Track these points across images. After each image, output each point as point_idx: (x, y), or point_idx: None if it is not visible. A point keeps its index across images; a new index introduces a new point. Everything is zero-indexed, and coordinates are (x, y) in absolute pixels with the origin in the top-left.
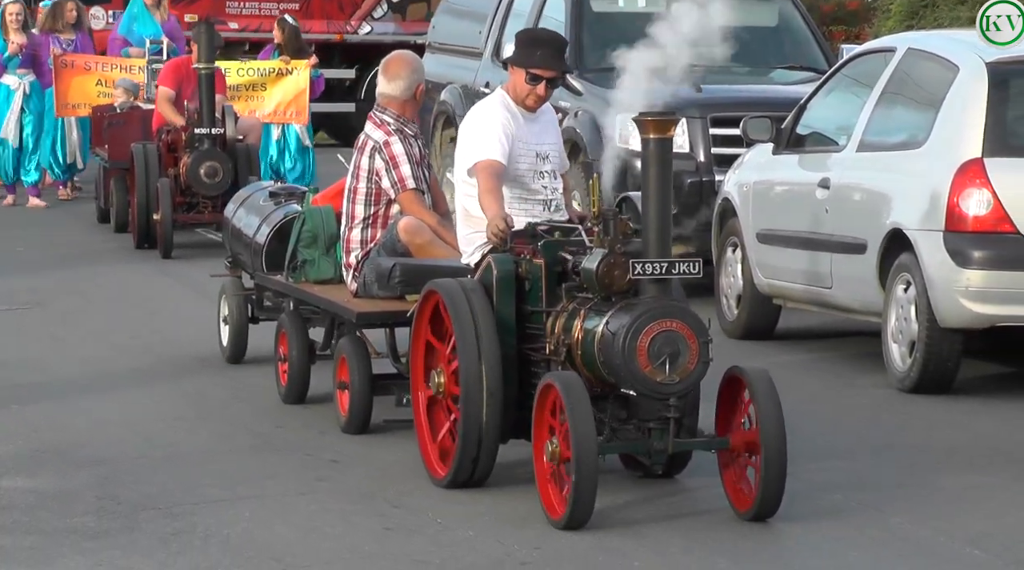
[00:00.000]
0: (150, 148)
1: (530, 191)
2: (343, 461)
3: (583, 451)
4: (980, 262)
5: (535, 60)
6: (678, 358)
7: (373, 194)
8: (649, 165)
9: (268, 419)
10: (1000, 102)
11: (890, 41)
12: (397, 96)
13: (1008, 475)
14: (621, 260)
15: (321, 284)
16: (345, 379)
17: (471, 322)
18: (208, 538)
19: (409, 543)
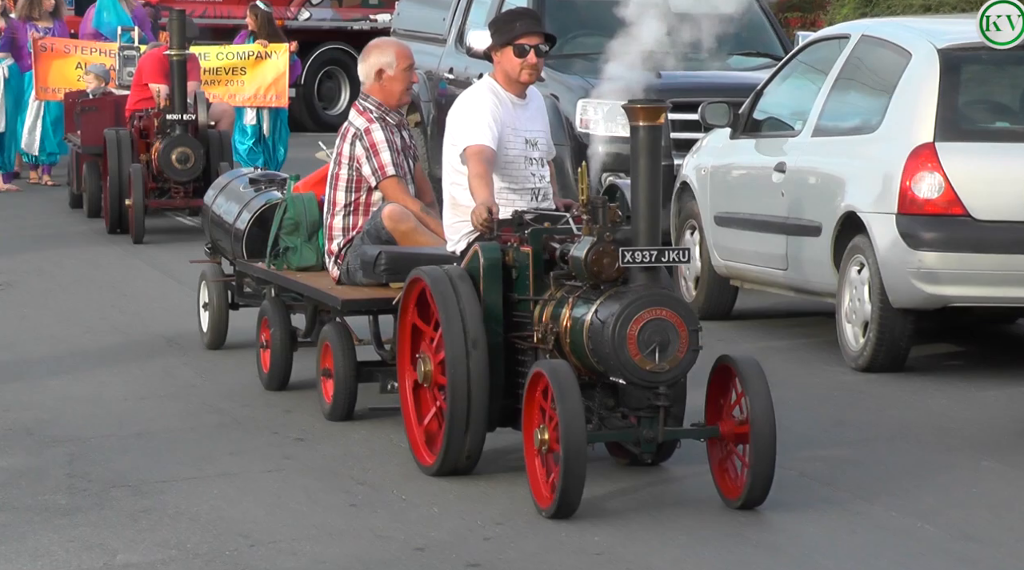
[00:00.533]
0: (123, 134)
1: (519, 180)
2: (309, 439)
3: (572, 440)
4: (931, 244)
5: (518, 30)
6: (668, 346)
7: (354, 181)
8: (639, 153)
9: (235, 398)
10: (951, 88)
11: (844, 28)
12: (363, 82)
13: (958, 452)
14: (610, 248)
15: (303, 271)
16: (329, 366)
17: (457, 310)
18: (177, 515)
19: (374, 519)
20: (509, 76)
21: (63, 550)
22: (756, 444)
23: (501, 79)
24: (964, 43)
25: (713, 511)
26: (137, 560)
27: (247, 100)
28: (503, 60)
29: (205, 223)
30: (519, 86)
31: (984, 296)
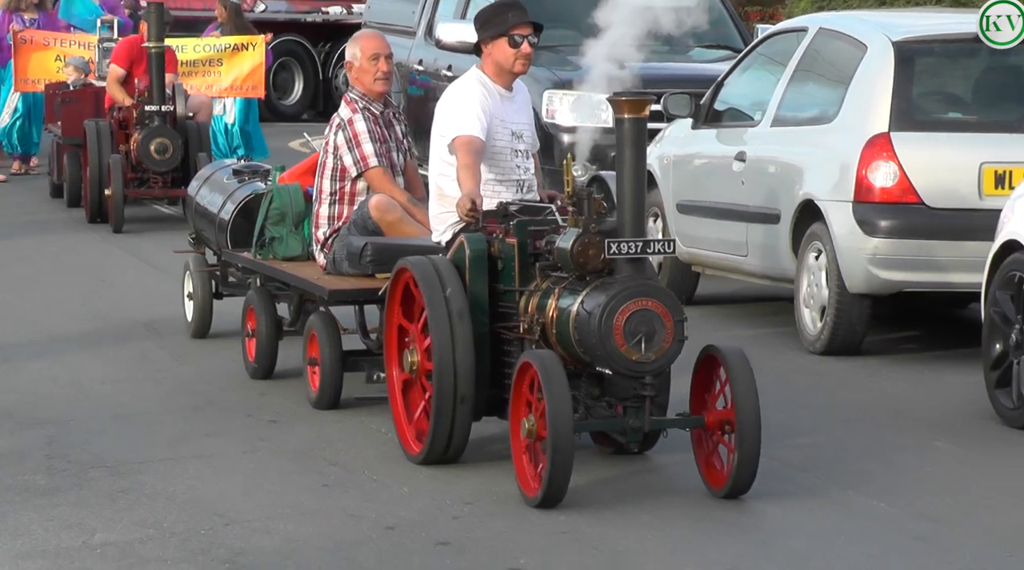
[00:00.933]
0: (103, 125)
1: (505, 171)
2: (282, 422)
3: (559, 429)
4: (887, 231)
5: (511, 21)
6: (654, 337)
7: (339, 170)
8: (624, 145)
9: (210, 382)
10: (906, 79)
11: (802, 21)
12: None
13: (912, 433)
14: (595, 239)
15: (289, 261)
16: (315, 355)
17: (443, 300)
18: (154, 495)
19: (345, 499)
20: (501, 67)
21: (42, 529)
22: (742, 435)
23: (491, 71)
24: (918, 36)
25: (682, 494)
26: (115, 538)
27: (224, 91)
28: (495, 51)
29: (189, 214)
30: (509, 77)
31: (937, 281)
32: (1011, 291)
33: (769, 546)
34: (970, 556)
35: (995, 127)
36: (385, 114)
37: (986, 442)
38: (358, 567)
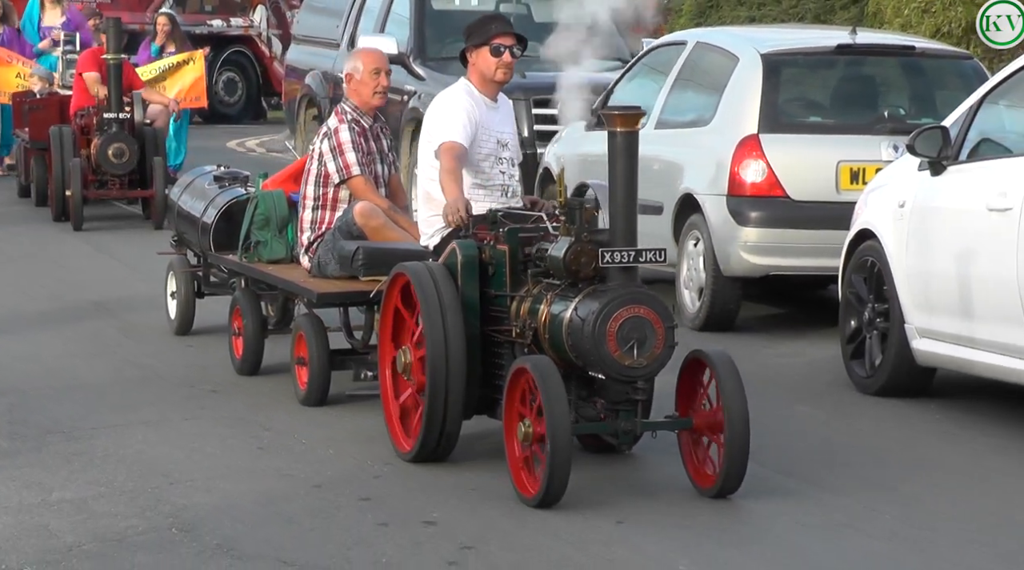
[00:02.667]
0: (66, 130)
1: (490, 177)
2: (221, 392)
3: (558, 432)
4: (756, 221)
5: (493, 31)
6: (645, 342)
7: (322, 176)
8: (616, 157)
9: (156, 356)
10: (772, 87)
11: (682, 36)
12: (344, 87)
13: (779, 398)
14: (588, 248)
15: (273, 263)
16: (303, 355)
17: (437, 303)
18: (106, 457)
19: (278, 460)
20: (484, 76)
21: (5, 488)
22: (730, 434)
23: (476, 80)
24: (783, 49)
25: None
26: (71, 496)
27: None
28: (479, 61)
29: (171, 217)
30: (493, 87)
31: (800, 265)
32: (864, 274)
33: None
34: (832, 505)
35: (851, 130)
36: (373, 128)
37: (842, 406)
38: (289, 521)
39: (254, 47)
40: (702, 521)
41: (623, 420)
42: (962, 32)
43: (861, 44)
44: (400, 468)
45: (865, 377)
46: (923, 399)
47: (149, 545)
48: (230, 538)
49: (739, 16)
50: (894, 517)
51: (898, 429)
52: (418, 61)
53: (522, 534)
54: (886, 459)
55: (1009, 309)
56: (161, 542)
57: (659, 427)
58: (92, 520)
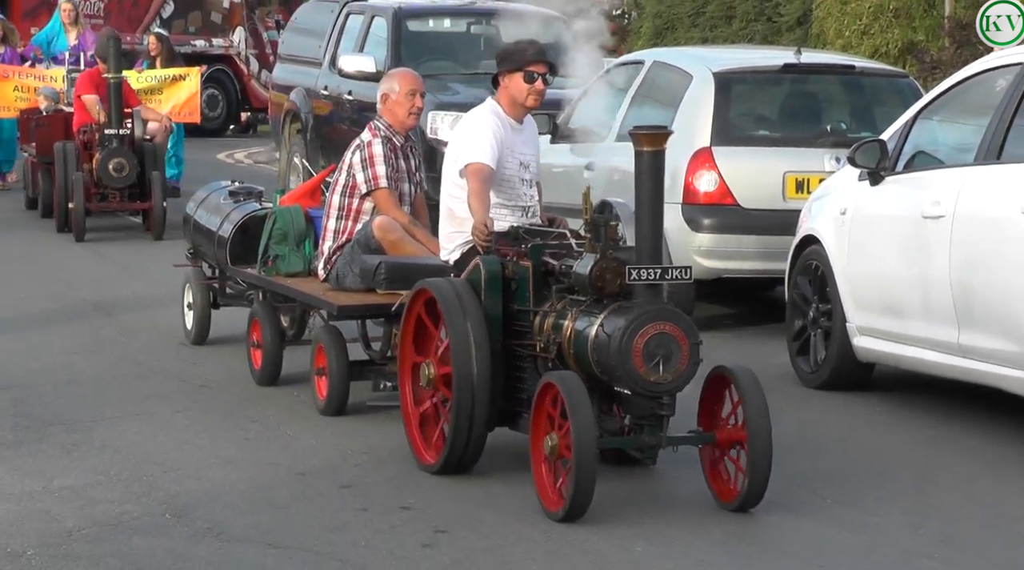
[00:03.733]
0: (70, 146)
1: (512, 197)
2: (212, 386)
3: (584, 448)
4: (709, 227)
5: (528, 57)
6: (671, 359)
7: (349, 186)
8: (642, 176)
9: (150, 353)
10: (724, 103)
11: (640, 55)
12: (378, 106)
13: None
14: (613, 265)
15: (291, 277)
16: (323, 365)
17: (463, 319)
18: (103, 448)
19: (264, 450)
20: (515, 100)
21: (9, 476)
22: (754, 449)
23: (505, 103)
24: (734, 68)
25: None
26: (71, 483)
27: None
28: (511, 85)
29: (187, 231)
30: (521, 110)
31: (750, 269)
32: (809, 276)
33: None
34: (782, 495)
35: (796, 142)
36: (404, 147)
37: (789, 399)
38: (274, 506)
39: (233, 65)
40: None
41: (648, 435)
42: (898, 52)
43: (805, 63)
44: (377, 457)
45: (810, 372)
46: (863, 392)
47: (144, 529)
48: (219, 522)
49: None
50: (835, 502)
51: (840, 420)
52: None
53: (492, 519)
54: (829, 448)
55: (941, 309)
56: (155, 526)
57: (683, 442)
58: (91, 506)
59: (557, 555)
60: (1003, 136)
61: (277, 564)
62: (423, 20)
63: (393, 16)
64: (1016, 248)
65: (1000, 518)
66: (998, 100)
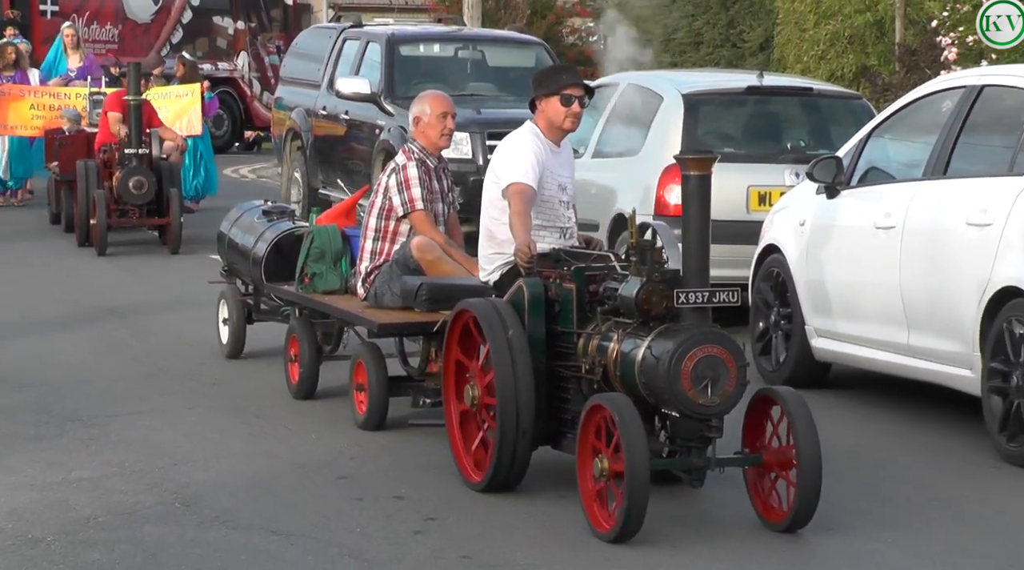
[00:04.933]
0: (91, 164)
1: (551, 218)
2: (220, 384)
3: (637, 469)
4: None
5: (564, 81)
6: (719, 381)
7: (386, 209)
8: (690, 200)
9: (161, 353)
10: (692, 122)
11: (615, 78)
12: (411, 128)
13: None
14: (659, 287)
15: (328, 294)
16: (362, 381)
17: (505, 341)
18: (118, 442)
19: (267, 443)
20: (552, 123)
21: (31, 468)
22: (803, 471)
23: (543, 125)
24: (701, 90)
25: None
26: (88, 475)
27: None
28: (548, 108)
29: (222, 249)
30: (559, 133)
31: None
32: (770, 282)
33: None
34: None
35: (758, 159)
36: (437, 168)
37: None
38: (275, 495)
39: (237, 87)
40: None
41: (695, 456)
42: (853, 76)
43: (767, 86)
44: (372, 450)
45: (771, 371)
46: (821, 390)
47: (156, 517)
48: (226, 511)
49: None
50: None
51: None
52: (388, 99)
53: (478, 508)
54: None
55: (893, 312)
56: (166, 514)
57: (732, 463)
58: (106, 496)
59: (540, 544)
60: (949, 153)
61: (279, 549)
62: (414, 45)
63: (387, 42)
64: (961, 256)
65: (938, 502)
66: (944, 120)
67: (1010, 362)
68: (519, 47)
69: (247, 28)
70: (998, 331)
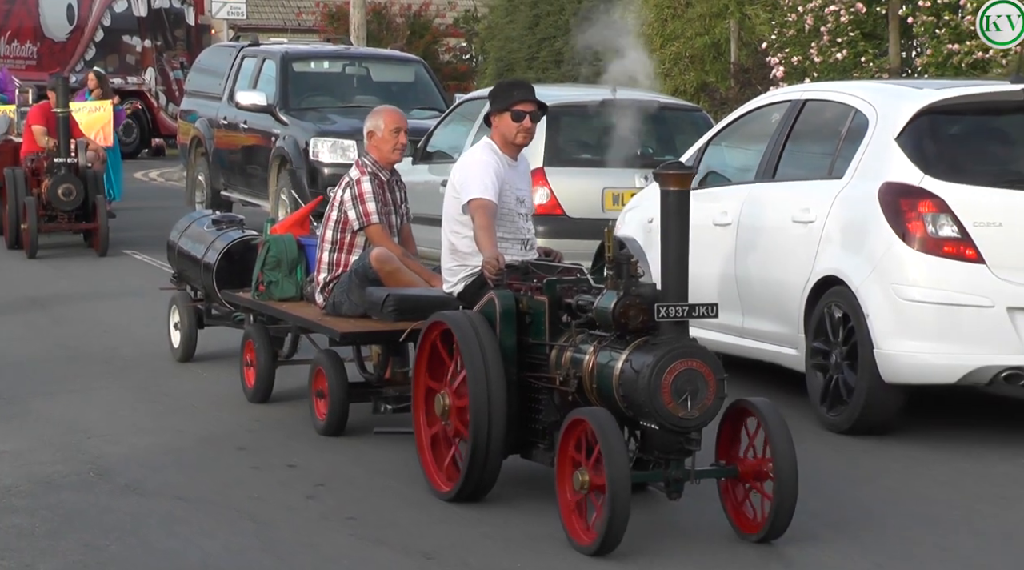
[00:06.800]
0: (19, 172)
1: (512, 230)
2: (130, 367)
3: (618, 483)
4: (541, 233)
5: (515, 98)
6: (698, 394)
7: (341, 222)
8: (669, 215)
9: (78, 339)
10: (554, 131)
11: (485, 92)
12: (364, 142)
13: None
14: (636, 301)
15: (285, 301)
16: (322, 388)
17: (480, 352)
18: (38, 418)
19: (174, 419)
20: (506, 138)
21: None
22: (780, 481)
23: (498, 141)
24: (562, 102)
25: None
26: (11, 448)
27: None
28: (501, 124)
29: (172, 257)
30: (513, 148)
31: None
32: None
33: None
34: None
35: (613, 164)
36: (390, 181)
37: None
38: (181, 465)
39: (146, 99)
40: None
41: (673, 469)
42: (694, 91)
43: (620, 99)
44: (268, 425)
45: None
46: None
47: (72, 485)
48: (136, 480)
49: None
50: None
51: None
52: (282, 111)
53: (363, 476)
54: None
55: (729, 299)
56: (82, 483)
57: (709, 475)
58: (27, 466)
59: (420, 504)
60: (777, 159)
61: (185, 514)
62: (306, 62)
63: (281, 59)
64: (787, 250)
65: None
66: (773, 130)
67: (830, 342)
68: (400, 64)
69: (154, 46)
70: (819, 315)
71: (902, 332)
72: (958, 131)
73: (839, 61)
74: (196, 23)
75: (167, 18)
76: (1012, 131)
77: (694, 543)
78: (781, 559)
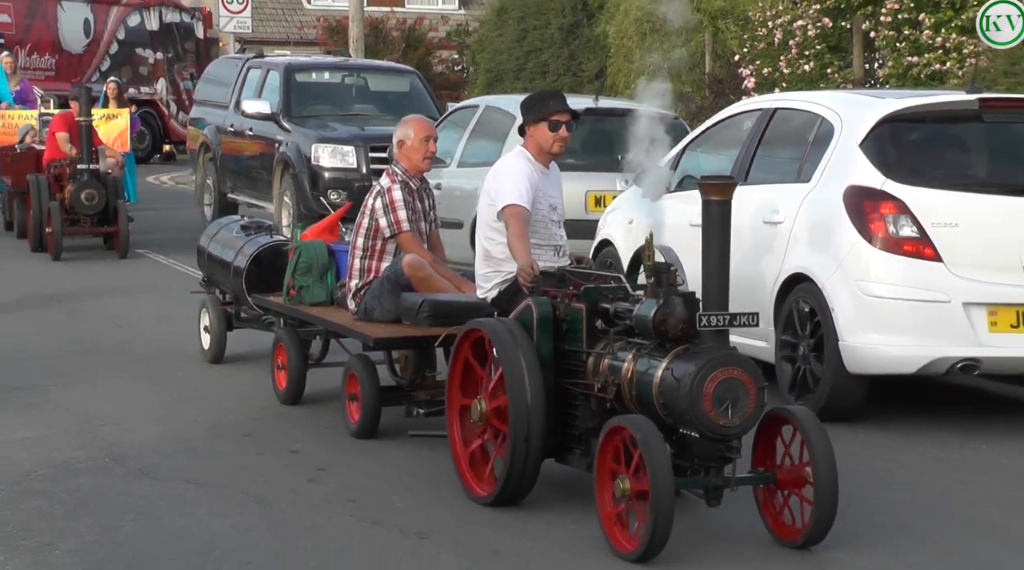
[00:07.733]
0: (41, 178)
1: (545, 237)
2: (143, 359)
3: (662, 490)
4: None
5: (552, 107)
6: (739, 402)
7: (373, 229)
8: (710, 224)
9: (93, 333)
10: None
11: (476, 101)
12: (394, 151)
13: None
14: (675, 309)
15: (316, 306)
16: (355, 391)
17: (519, 359)
18: (56, 407)
19: (185, 408)
20: (541, 147)
21: None
22: (821, 488)
23: (532, 150)
24: None
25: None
26: (30, 435)
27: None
28: (536, 133)
29: (201, 261)
30: (547, 157)
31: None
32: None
33: None
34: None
35: (596, 168)
36: (419, 189)
37: None
38: (191, 451)
39: (157, 108)
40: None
41: (713, 476)
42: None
43: (602, 107)
44: (272, 412)
45: None
46: None
47: (88, 470)
48: (149, 465)
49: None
50: None
51: None
52: (285, 118)
53: (363, 461)
54: None
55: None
56: (97, 468)
57: (746, 482)
58: (45, 453)
59: (416, 489)
60: (749, 164)
61: (195, 497)
62: (308, 73)
63: (284, 70)
64: (759, 249)
65: None
66: (745, 136)
67: (798, 335)
68: (396, 75)
69: (165, 58)
70: (788, 310)
71: (865, 325)
72: (917, 138)
73: (807, 72)
74: (205, 36)
75: (178, 32)
76: (968, 138)
77: (729, 547)
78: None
